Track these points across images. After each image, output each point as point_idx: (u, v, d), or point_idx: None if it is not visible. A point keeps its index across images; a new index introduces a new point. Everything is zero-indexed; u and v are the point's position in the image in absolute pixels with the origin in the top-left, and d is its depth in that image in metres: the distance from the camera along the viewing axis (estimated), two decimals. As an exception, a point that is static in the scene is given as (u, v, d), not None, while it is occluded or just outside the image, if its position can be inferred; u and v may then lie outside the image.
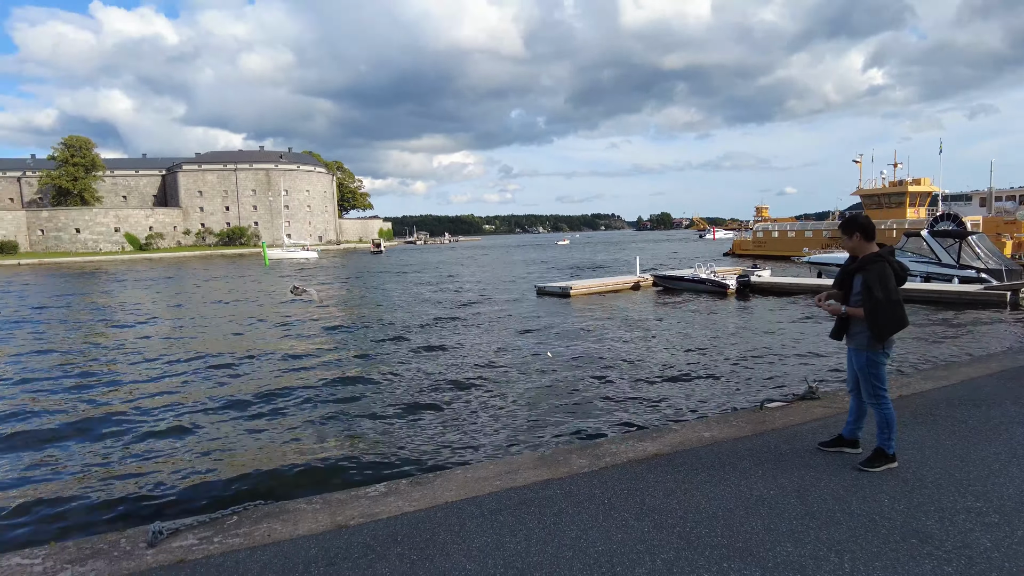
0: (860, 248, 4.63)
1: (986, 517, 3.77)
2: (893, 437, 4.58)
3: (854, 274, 4.60)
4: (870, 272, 4.44)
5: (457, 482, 4.65)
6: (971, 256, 25.47)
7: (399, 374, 12.34)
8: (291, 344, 16.44)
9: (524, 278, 38.59)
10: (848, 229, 4.66)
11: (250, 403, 10.30)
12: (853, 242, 4.66)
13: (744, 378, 11.08)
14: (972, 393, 6.53)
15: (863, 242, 4.62)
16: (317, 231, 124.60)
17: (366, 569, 3.41)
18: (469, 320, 20.35)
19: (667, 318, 19.65)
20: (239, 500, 5.03)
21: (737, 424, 5.84)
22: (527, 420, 8.75)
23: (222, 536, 3.90)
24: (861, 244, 4.62)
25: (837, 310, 4.69)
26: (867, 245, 4.61)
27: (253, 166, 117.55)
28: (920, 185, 51.13)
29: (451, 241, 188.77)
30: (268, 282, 40.24)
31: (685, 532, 3.72)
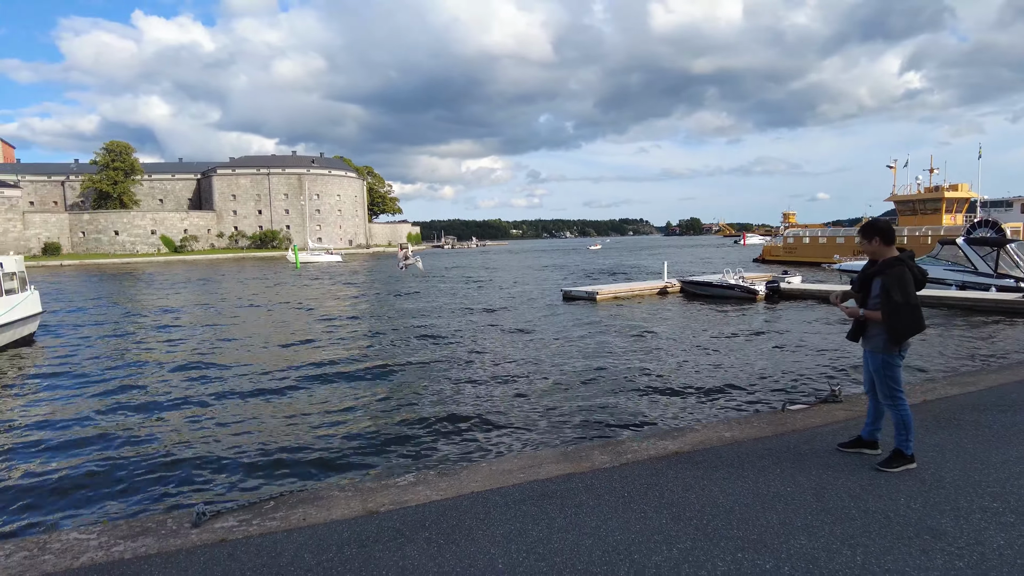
0: (880, 252, 4.71)
1: (1002, 517, 3.83)
2: (911, 438, 4.64)
3: (873, 277, 4.67)
4: (889, 276, 4.51)
5: (483, 474, 4.84)
6: (1010, 265, 24.88)
7: (429, 373, 12.60)
8: (326, 343, 16.83)
9: (550, 282, 38.72)
10: (868, 233, 4.75)
11: (287, 398, 10.64)
12: (873, 246, 4.74)
13: (768, 381, 11.09)
14: (998, 399, 6.52)
15: (883, 246, 4.69)
16: (347, 235, 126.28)
17: (395, 551, 3.61)
18: (496, 323, 20.57)
19: (694, 323, 19.62)
20: (277, 487, 5.30)
21: (758, 425, 5.93)
22: (552, 418, 8.91)
23: (260, 519, 4.14)
24: (880, 248, 4.70)
25: (855, 312, 4.78)
26: (887, 249, 4.68)
27: (285, 171, 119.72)
28: (957, 191, 50.03)
29: (478, 245, 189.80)
30: (300, 284, 41.04)
31: (702, 524, 3.84)
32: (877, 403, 4.93)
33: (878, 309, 4.58)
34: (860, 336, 4.85)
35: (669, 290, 28.90)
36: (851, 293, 4.93)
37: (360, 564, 3.47)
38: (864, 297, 4.76)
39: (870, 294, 4.69)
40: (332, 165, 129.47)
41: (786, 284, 27.00)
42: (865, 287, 4.76)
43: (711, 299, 26.30)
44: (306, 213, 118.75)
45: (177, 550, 3.70)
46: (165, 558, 3.60)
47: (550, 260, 77.46)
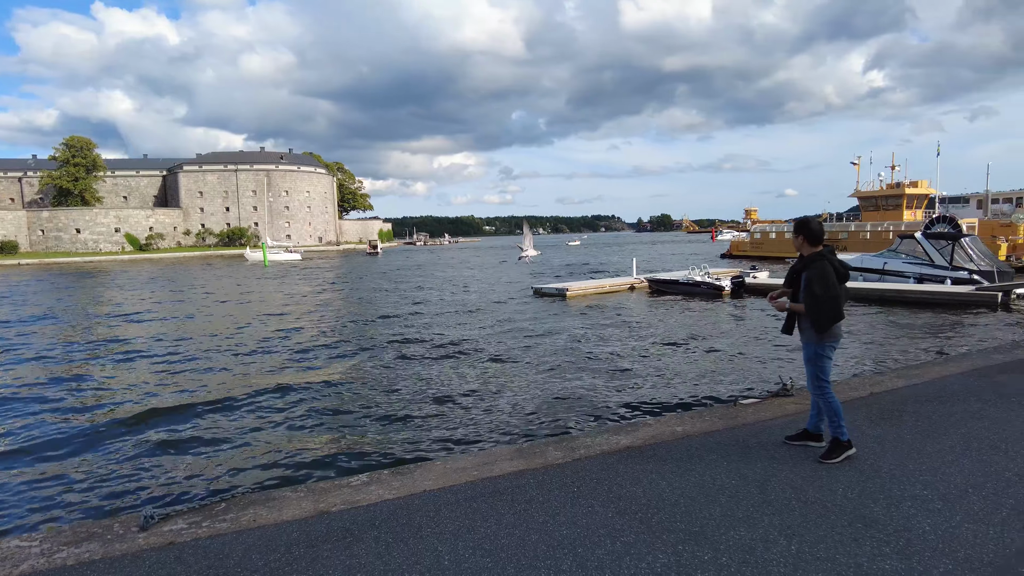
0: (804, 249, 4.98)
1: (930, 504, 4.00)
2: (843, 423, 4.85)
3: (800, 272, 4.89)
4: (812, 270, 4.78)
5: (436, 472, 4.88)
6: (964, 258, 25.69)
7: (390, 371, 12.57)
8: (282, 343, 16.67)
9: (522, 278, 38.83)
10: (796, 231, 5.03)
11: (239, 399, 10.53)
12: (799, 243, 5.01)
13: (725, 376, 11.32)
14: (940, 391, 6.76)
15: (806, 244, 4.95)
16: (317, 232, 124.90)
17: (344, 550, 3.64)
18: (465, 320, 20.58)
19: (659, 319, 19.88)
20: (229, 490, 5.27)
21: (710, 419, 6.06)
22: (512, 415, 8.98)
23: (210, 521, 4.13)
24: (805, 245, 4.97)
25: (782, 306, 5.03)
26: (811, 247, 4.93)
27: (253, 167, 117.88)
28: (917, 187, 51.37)
29: (451, 242, 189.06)
30: (263, 283, 40.51)
31: (646, 518, 3.94)
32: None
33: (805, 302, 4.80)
34: (792, 329, 5.07)
35: (637, 287, 29.21)
36: (783, 287, 5.15)
37: (307, 564, 3.49)
38: (795, 292, 4.99)
39: (799, 288, 4.89)
40: (302, 161, 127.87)
41: (751, 280, 27.48)
42: (794, 282, 4.99)
43: (678, 295, 26.66)
44: (275, 210, 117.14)
45: (123, 555, 3.67)
46: (110, 563, 3.58)
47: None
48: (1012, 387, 6.79)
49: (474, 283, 37.34)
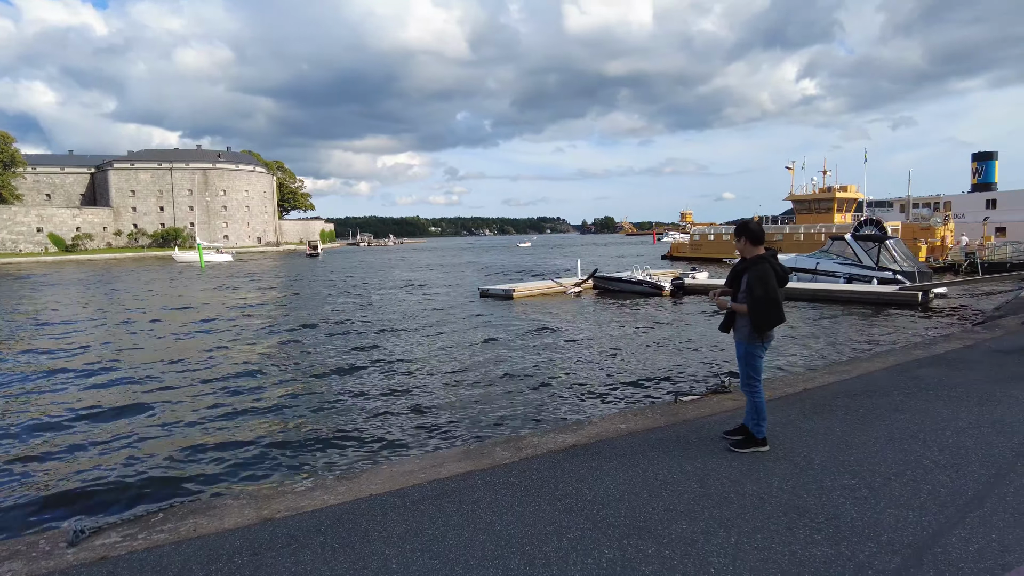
0: (747, 251, 5.11)
1: (857, 492, 4.22)
2: (763, 423, 5.07)
3: (742, 274, 5.05)
4: (753, 272, 4.91)
5: (383, 476, 4.84)
6: (888, 259, 27.11)
7: (334, 375, 12.37)
8: (219, 348, 16.17)
9: (468, 280, 38.80)
10: (738, 233, 5.16)
11: (172, 406, 10.16)
12: (741, 245, 5.14)
13: (666, 373, 11.62)
14: (867, 385, 7.12)
15: (749, 245, 5.09)
16: (256, 232, 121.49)
17: (289, 557, 3.57)
18: (411, 322, 20.42)
19: (603, 318, 20.21)
20: (166, 499, 5.09)
21: (653, 416, 6.21)
22: (459, 417, 8.98)
23: (147, 533, 3.98)
24: (747, 247, 5.10)
25: (724, 305, 5.19)
26: (753, 248, 5.08)
27: (190, 165, 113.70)
28: (847, 192, 53.84)
29: (396, 243, 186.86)
30: (198, 285, 39.15)
31: (592, 514, 4.01)
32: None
33: (745, 303, 4.96)
34: (731, 327, 5.22)
35: (583, 287, 29.60)
36: (724, 287, 5.31)
37: (251, 572, 3.41)
38: (735, 291, 5.14)
39: (739, 289, 5.06)
40: (240, 160, 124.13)
41: (690, 280, 28.27)
42: (735, 282, 5.15)
43: (621, 295, 27.17)
44: (212, 210, 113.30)
45: (50, 573, 3.50)
46: (36, 581, 3.41)
47: (474, 257, 77.46)
48: (929, 380, 7.22)
49: (420, 285, 37.08)
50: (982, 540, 3.54)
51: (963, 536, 3.59)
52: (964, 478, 4.40)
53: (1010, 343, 9.42)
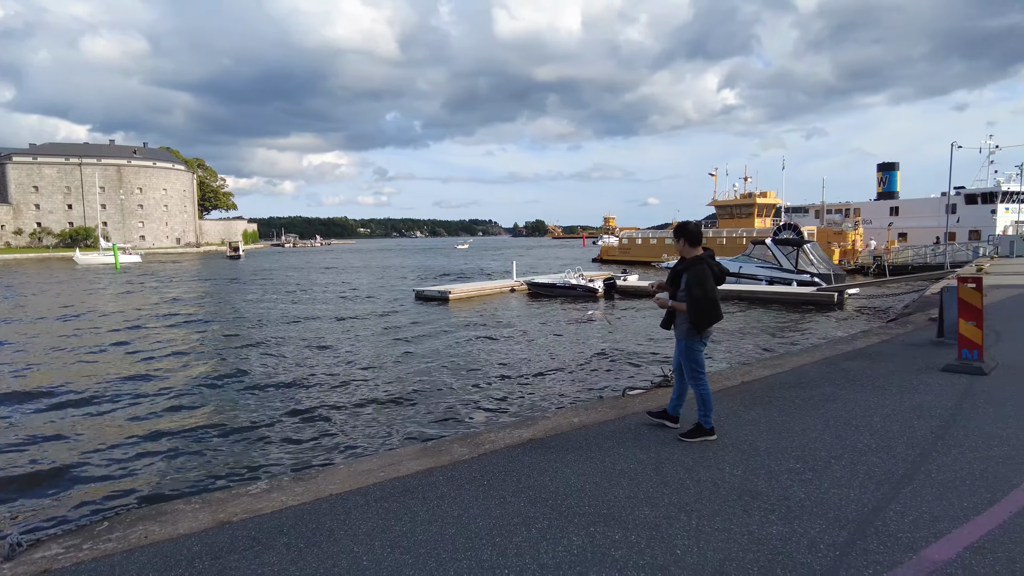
0: (685, 251, 5.35)
1: (803, 475, 4.47)
2: (709, 413, 5.30)
3: (681, 274, 5.27)
4: (692, 273, 5.14)
5: (341, 476, 4.76)
6: (807, 262, 28.66)
7: (277, 379, 12.00)
8: (154, 353, 15.40)
9: (400, 282, 38.40)
10: (677, 234, 5.39)
11: (118, 412, 9.62)
12: (680, 246, 5.37)
13: (610, 370, 11.90)
14: (799, 378, 7.54)
15: (687, 246, 5.33)
16: (175, 232, 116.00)
17: (253, 560, 3.46)
18: (347, 325, 20.04)
19: (541, 319, 20.45)
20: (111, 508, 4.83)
21: (603, 410, 6.37)
22: (410, 416, 8.91)
23: (92, 543, 3.76)
24: (686, 248, 5.34)
25: (665, 303, 5.39)
26: (691, 249, 5.31)
27: (101, 161, 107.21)
28: (766, 198, 56.52)
29: (323, 244, 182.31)
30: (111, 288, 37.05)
31: (556, 504, 4.09)
32: (682, 383, 5.55)
33: (684, 301, 5.18)
34: (671, 324, 5.45)
35: (517, 289, 29.85)
36: (665, 285, 5.52)
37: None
38: (674, 290, 5.36)
39: (679, 288, 5.28)
40: (157, 156, 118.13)
41: (622, 282, 29.01)
42: (675, 282, 5.36)
43: (555, 297, 27.56)
44: (127, 209, 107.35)
45: (-11, 586, 3.27)
46: (-26, 596, 3.17)
47: (408, 260, 76.57)
48: (855, 372, 7.71)
49: (353, 287, 36.41)
50: (915, 512, 3.83)
51: (899, 510, 3.87)
52: (894, 459, 4.74)
53: (920, 337, 10.17)
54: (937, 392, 6.60)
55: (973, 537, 3.51)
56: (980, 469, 4.48)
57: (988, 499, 4.00)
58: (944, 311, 9.38)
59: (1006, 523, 3.67)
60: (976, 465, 4.55)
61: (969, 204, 48.46)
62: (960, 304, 7.56)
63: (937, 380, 7.13)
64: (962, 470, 4.47)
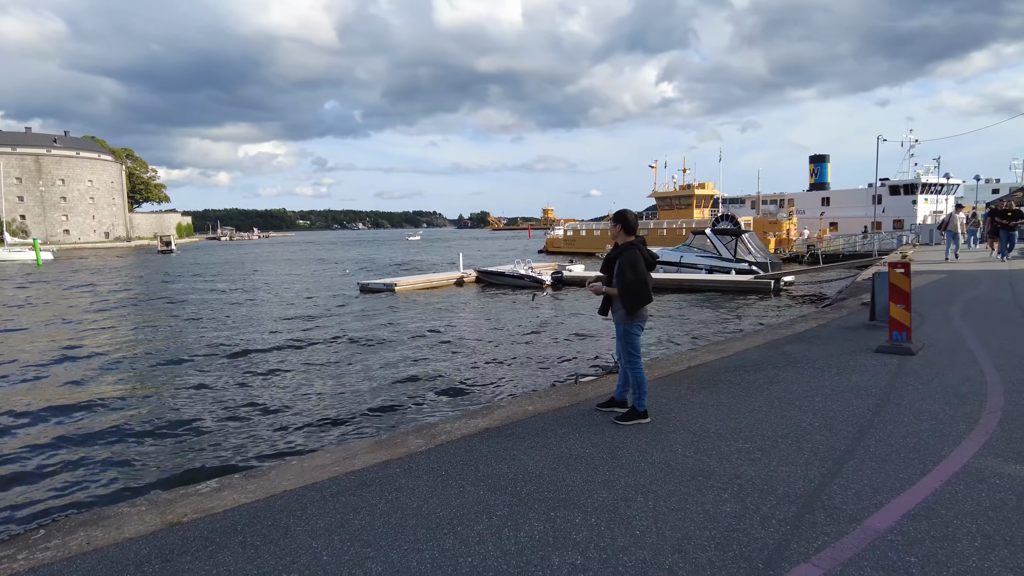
0: (620, 237, 5.49)
1: (752, 454, 4.63)
2: (644, 397, 5.45)
3: (615, 260, 5.39)
4: (624, 258, 5.29)
5: (294, 472, 4.64)
6: (745, 251, 29.62)
7: (216, 378, 11.60)
8: (72, 353, 14.64)
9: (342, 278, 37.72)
10: (615, 220, 5.52)
11: (48, 413, 9.10)
12: (616, 231, 5.51)
13: (561, 358, 12.03)
14: (744, 361, 7.79)
15: (623, 233, 5.47)
16: (103, 226, 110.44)
17: (207, 560, 3.35)
18: (291, 320, 19.56)
19: (491, 310, 20.47)
20: (40, 516, 4.57)
21: (556, 397, 6.43)
22: (361, 410, 8.78)
23: (28, 552, 3.56)
24: (621, 235, 5.48)
25: (599, 290, 5.52)
26: (626, 236, 5.45)
27: (17, 150, 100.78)
28: (704, 189, 58.08)
29: (260, 237, 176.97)
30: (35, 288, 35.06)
31: (516, 490, 4.11)
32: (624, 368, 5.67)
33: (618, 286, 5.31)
34: (608, 310, 5.58)
35: (465, 280, 29.77)
36: (602, 275, 5.63)
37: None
38: (610, 276, 5.49)
39: (613, 274, 5.40)
40: (81, 146, 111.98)
41: (568, 272, 29.32)
42: (609, 268, 5.49)
43: (503, 287, 27.63)
44: (48, 201, 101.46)
45: (-85, 601, 3.05)
46: (-101, 613, 2.95)
47: (353, 252, 75.12)
48: (796, 355, 8.03)
49: (293, 282, 35.57)
50: (857, 485, 4.02)
51: (842, 484, 4.06)
52: (836, 436, 4.96)
53: (854, 320, 10.66)
54: (872, 372, 6.95)
55: (909, 506, 3.72)
56: (913, 442, 4.74)
57: (921, 470, 4.24)
58: (876, 296, 9.86)
59: (938, 491, 3.90)
60: (909, 439, 4.82)
61: (893, 195, 51.07)
62: (891, 288, 7.96)
63: (871, 361, 7.50)
64: (897, 444, 4.72)
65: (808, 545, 3.30)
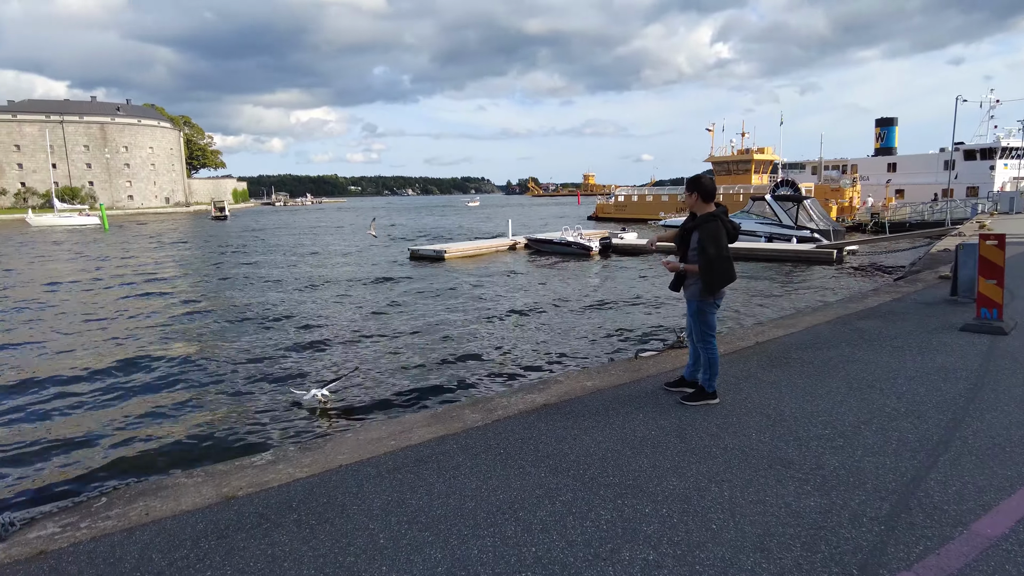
0: (698, 207, 5.01)
1: (833, 441, 4.28)
2: (715, 378, 5.11)
3: (692, 231, 4.96)
4: (704, 230, 4.82)
5: (350, 445, 4.54)
6: (806, 218, 28.36)
7: (271, 343, 11.76)
8: (148, 320, 15.10)
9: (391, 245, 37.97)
10: (689, 187, 5.04)
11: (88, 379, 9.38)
12: (691, 200, 5.03)
13: (616, 330, 11.70)
14: (815, 338, 7.34)
15: (700, 202, 4.99)
16: (163, 192, 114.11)
17: (262, 538, 3.25)
18: (343, 286, 19.74)
19: (540, 278, 20.20)
20: (103, 483, 4.61)
21: (616, 373, 6.16)
22: (414, 381, 8.71)
23: (91, 520, 3.54)
24: (698, 203, 5.00)
25: (676, 267, 5.06)
26: (704, 205, 4.98)
27: (84, 118, 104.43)
28: (764, 154, 55.89)
29: (313, 203, 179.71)
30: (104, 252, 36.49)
31: (579, 474, 3.89)
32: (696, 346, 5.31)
33: (696, 261, 4.88)
34: (680, 286, 5.17)
35: (514, 247, 29.50)
36: (666, 238, 5.19)
37: (221, 558, 3.08)
38: (684, 249, 5.04)
39: (689, 247, 4.98)
40: (142, 114, 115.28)
41: (618, 240, 28.68)
42: (685, 240, 5.04)
43: (552, 255, 27.25)
44: (113, 168, 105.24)
45: (-21, 570, 3.05)
46: (-37, 582, 2.95)
47: (412, 218, 75.59)
48: (870, 332, 7.52)
49: (345, 248, 35.98)
50: (958, 483, 3.65)
51: (940, 480, 3.69)
52: (926, 424, 4.56)
53: (931, 295, 9.98)
54: (959, 353, 6.42)
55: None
56: (1019, 435, 4.30)
57: (1031, 466, 3.83)
58: (959, 269, 9.16)
59: (1054, 492, 3.50)
60: (1014, 430, 4.37)
61: (968, 160, 48.02)
62: (981, 262, 7.34)
63: (957, 340, 6.95)
64: (1000, 436, 4.29)
65: (908, 550, 2.98)
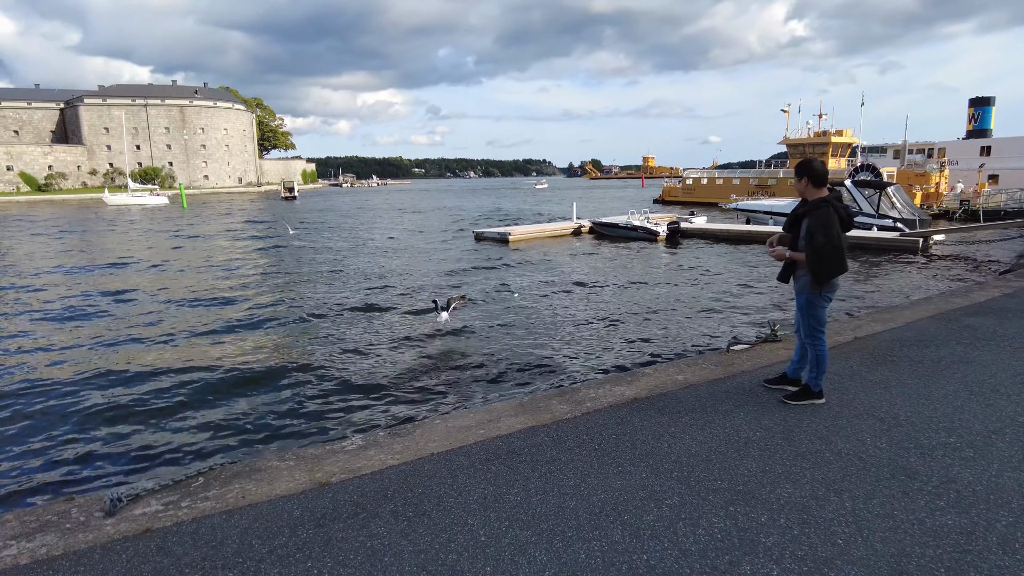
0: (808, 193, 4.65)
1: (962, 452, 3.90)
2: (822, 376, 4.77)
3: (802, 218, 4.61)
4: (814, 217, 4.46)
5: (439, 432, 4.45)
6: (888, 206, 26.80)
7: (351, 325, 11.91)
8: (229, 299, 15.61)
9: (452, 227, 38.12)
10: (798, 172, 4.68)
11: (183, 364, 9.70)
12: (802, 186, 4.67)
13: (699, 319, 11.30)
14: (919, 335, 6.81)
15: (810, 187, 4.62)
16: (236, 172, 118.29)
17: (360, 529, 3.18)
18: (412, 267, 19.91)
19: (608, 261, 19.81)
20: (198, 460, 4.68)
21: (707, 367, 5.87)
22: (492, 366, 8.61)
23: (190, 500, 3.57)
24: (809, 189, 4.63)
25: (782, 255, 4.73)
26: (815, 191, 4.61)
27: (165, 102, 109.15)
28: (842, 136, 53.20)
29: (379, 184, 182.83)
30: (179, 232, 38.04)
31: (683, 476, 3.67)
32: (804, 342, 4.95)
33: (805, 250, 4.53)
34: (789, 277, 4.82)
35: (580, 230, 29.10)
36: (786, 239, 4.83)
37: (321, 548, 3.03)
38: (793, 238, 4.70)
39: (799, 235, 4.63)
40: (218, 96, 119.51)
41: (688, 224, 27.84)
42: (794, 227, 4.70)
43: (617, 239, 26.72)
44: (190, 148, 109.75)
45: (90, 548, 3.08)
46: (75, 559, 2.98)
47: (485, 201, 75.98)
48: (985, 330, 6.92)
49: (416, 228, 36.37)
50: (1120, 507, 3.24)
51: (1097, 502, 3.29)
52: (1068, 436, 4.11)
53: (1046, 291, 9.17)
54: (1093, 356, 5.82)
55: None
56: None
57: None
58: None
59: None
60: None
61: (1074, 143, 44.32)
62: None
63: (1087, 341, 6.31)
64: None
65: (1076, 583, 2.64)
